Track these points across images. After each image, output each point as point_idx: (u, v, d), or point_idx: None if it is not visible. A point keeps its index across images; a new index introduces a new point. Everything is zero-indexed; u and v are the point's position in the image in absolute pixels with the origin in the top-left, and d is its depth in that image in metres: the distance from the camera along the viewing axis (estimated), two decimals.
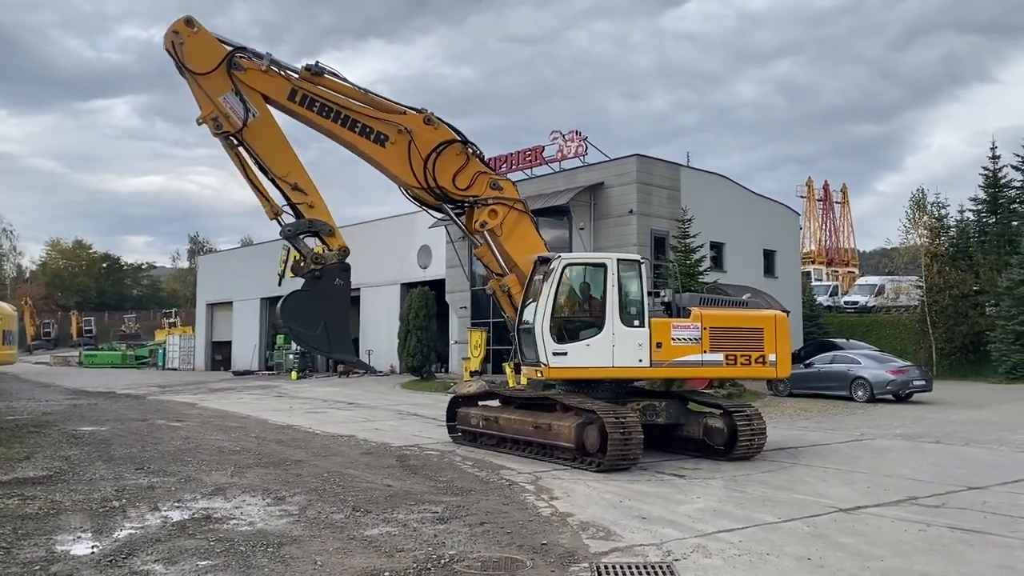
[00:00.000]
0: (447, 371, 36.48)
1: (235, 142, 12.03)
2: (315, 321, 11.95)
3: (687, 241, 27.71)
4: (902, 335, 37.21)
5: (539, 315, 12.02)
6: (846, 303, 49.61)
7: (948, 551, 7.23)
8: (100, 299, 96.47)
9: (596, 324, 12.19)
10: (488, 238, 13.51)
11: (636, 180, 30.37)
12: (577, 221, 31.34)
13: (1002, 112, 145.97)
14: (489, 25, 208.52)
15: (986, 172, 40.04)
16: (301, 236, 12.37)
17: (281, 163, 12.20)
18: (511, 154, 33.59)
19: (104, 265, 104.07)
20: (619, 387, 13.16)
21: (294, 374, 39.65)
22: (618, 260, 12.46)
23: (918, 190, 47.16)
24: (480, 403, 14.68)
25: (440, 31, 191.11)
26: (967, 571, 6.61)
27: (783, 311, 34.54)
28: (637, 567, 6.57)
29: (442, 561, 6.68)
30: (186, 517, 8.35)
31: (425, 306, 32.99)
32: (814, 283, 53.75)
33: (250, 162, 12.20)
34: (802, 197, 76.05)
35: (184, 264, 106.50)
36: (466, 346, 31.84)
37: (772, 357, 13.02)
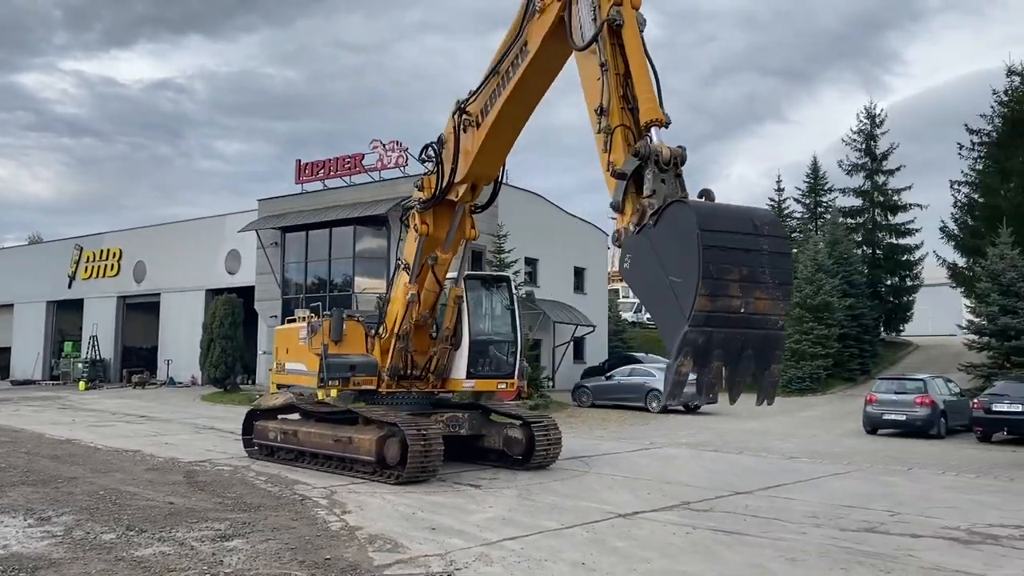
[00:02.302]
0: (254, 383, 35.06)
1: None
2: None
3: (503, 256, 28.39)
4: None
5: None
6: (649, 320, 52.61)
7: (709, 552, 7.84)
8: None
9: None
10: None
11: None
12: (396, 232, 31.20)
13: (791, 149, 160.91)
14: (318, 29, 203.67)
15: (772, 203, 44.03)
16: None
17: None
18: (329, 160, 32.93)
19: None
20: (425, 399, 13.26)
21: (82, 384, 36.62)
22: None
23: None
24: (280, 416, 14.24)
25: (265, 31, 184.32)
26: (723, 570, 7.20)
27: (590, 326, 35.94)
28: None
29: None
30: None
31: (231, 314, 31.56)
32: (621, 300, 56.65)
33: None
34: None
35: None
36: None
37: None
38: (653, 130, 7.28)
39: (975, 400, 19.87)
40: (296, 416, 13.97)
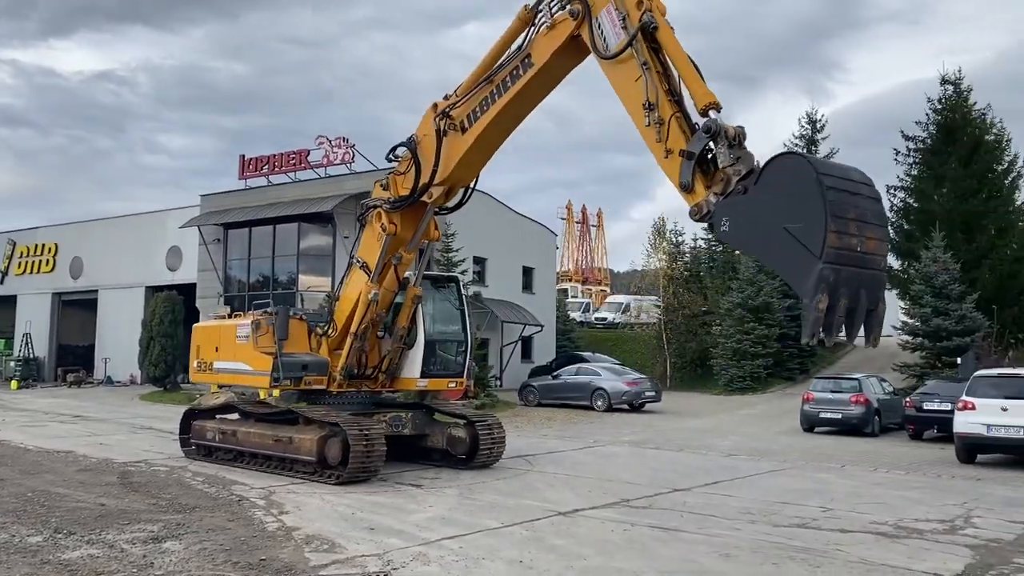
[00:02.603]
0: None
1: None
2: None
3: (450, 255, 28.31)
4: (643, 350, 40.39)
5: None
6: (596, 319, 53.12)
7: (644, 548, 7.95)
8: None
9: None
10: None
11: None
12: (342, 229, 30.90)
13: None
14: (265, 23, 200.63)
15: None
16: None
17: None
18: (274, 156, 32.46)
19: None
20: (367, 399, 13.20)
21: (15, 383, 35.45)
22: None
23: (659, 219, 51.70)
24: (218, 416, 14.00)
25: (211, 24, 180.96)
26: (657, 566, 7.31)
27: (538, 325, 36.10)
28: None
29: None
30: None
31: (172, 311, 30.87)
32: (569, 300, 57.06)
33: None
34: (562, 219, 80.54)
35: None
36: None
37: None
38: (711, 112, 7.67)
39: (907, 399, 20.50)
40: (235, 416, 13.75)
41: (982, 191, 32.15)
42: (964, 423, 14.99)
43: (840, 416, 20.42)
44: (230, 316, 13.36)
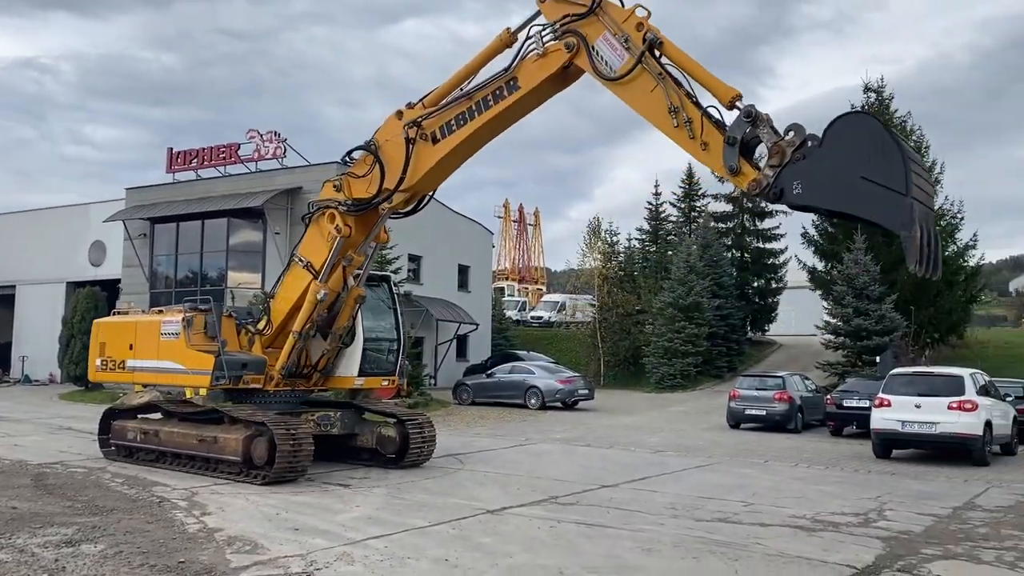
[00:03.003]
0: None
1: None
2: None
3: (384, 253, 28.04)
4: (577, 348, 40.79)
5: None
6: (532, 318, 53.38)
7: (570, 545, 8.05)
8: None
9: None
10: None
11: None
12: (273, 225, 30.39)
13: (671, 155, 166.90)
14: (198, 14, 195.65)
15: (650, 207, 45.50)
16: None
17: None
18: (203, 149, 31.69)
19: None
20: (295, 398, 13.02)
21: None
22: None
23: (594, 218, 52.29)
24: (140, 416, 13.62)
25: (141, 12, 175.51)
26: (581, 562, 7.40)
27: (473, 324, 36.13)
28: None
29: None
30: None
31: (94, 308, 29.81)
32: (505, 298, 57.21)
33: None
34: (499, 217, 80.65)
35: None
36: None
37: None
38: (737, 102, 8.28)
39: (828, 396, 21.20)
40: (158, 416, 13.39)
41: None
42: (880, 419, 15.58)
43: (764, 413, 20.98)
44: (151, 311, 12.90)
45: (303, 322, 12.03)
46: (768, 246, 42.16)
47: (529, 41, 9.90)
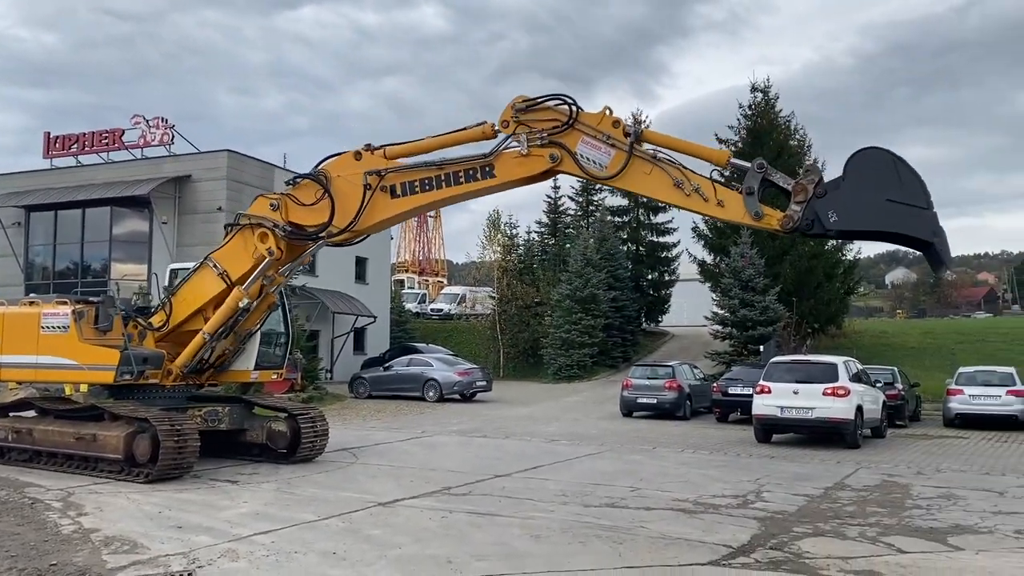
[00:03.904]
0: None
1: None
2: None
3: None
4: (478, 340, 40.93)
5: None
6: (432, 310, 53.18)
7: (460, 534, 8.13)
8: None
9: None
10: None
11: (226, 176, 29.26)
12: (159, 214, 29.25)
13: None
14: None
15: (549, 200, 46.09)
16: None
17: None
18: (84, 135, 30.18)
19: None
20: (180, 394, 12.62)
21: None
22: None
23: (494, 211, 52.61)
24: (12, 414, 12.91)
25: None
26: (469, 551, 7.49)
27: (370, 316, 35.75)
28: None
29: None
30: None
31: None
32: (405, 291, 56.79)
33: None
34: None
35: None
36: None
37: None
38: (732, 159, 9.32)
39: (715, 384, 22.05)
40: (32, 413, 12.73)
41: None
42: (761, 405, 16.35)
43: (655, 401, 21.66)
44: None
45: (217, 325, 11.74)
46: (662, 240, 43.35)
47: (510, 140, 10.14)
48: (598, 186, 45.39)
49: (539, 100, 10.02)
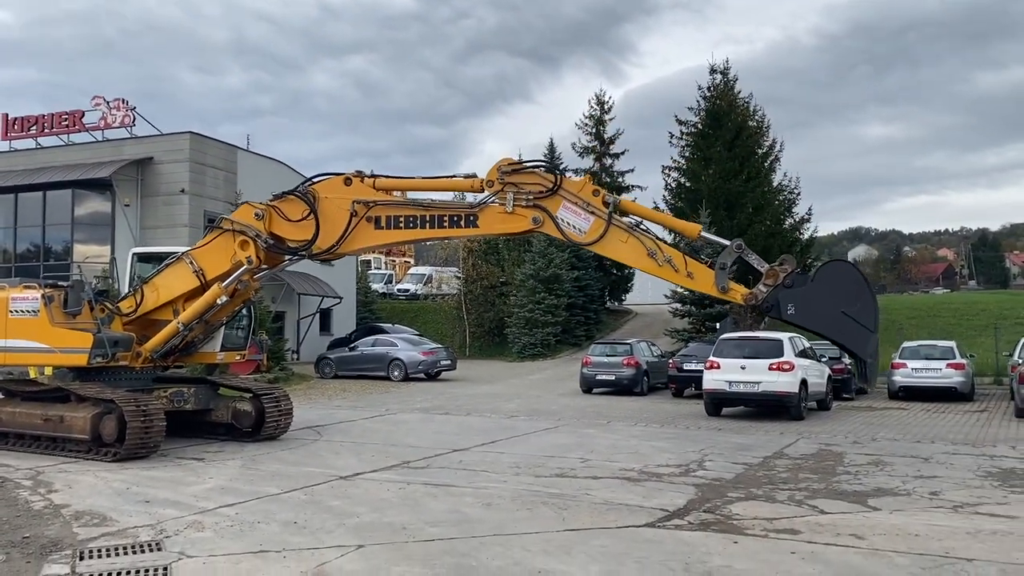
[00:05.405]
0: None
1: None
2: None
3: None
4: (443, 320, 41.43)
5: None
6: (399, 291, 53.48)
7: (416, 503, 8.63)
8: None
9: None
10: None
11: (189, 158, 29.29)
12: (122, 197, 29.20)
13: (537, 129, 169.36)
14: None
15: None
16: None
17: None
18: (43, 116, 29.95)
19: None
20: (146, 375, 12.93)
21: None
22: None
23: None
24: None
25: None
26: (424, 518, 7.99)
27: (336, 297, 35.91)
28: (124, 548, 6.74)
29: None
30: None
31: None
32: (371, 271, 56.96)
33: None
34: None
35: None
36: None
37: None
38: (706, 234, 10.84)
39: (671, 360, 22.76)
40: None
41: (743, 172, 35.72)
42: (711, 380, 17.04)
43: (614, 378, 22.32)
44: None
45: (192, 317, 12.11)
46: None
47: (497, 198, 10.79)
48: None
49: (525, 164, 10.81)
